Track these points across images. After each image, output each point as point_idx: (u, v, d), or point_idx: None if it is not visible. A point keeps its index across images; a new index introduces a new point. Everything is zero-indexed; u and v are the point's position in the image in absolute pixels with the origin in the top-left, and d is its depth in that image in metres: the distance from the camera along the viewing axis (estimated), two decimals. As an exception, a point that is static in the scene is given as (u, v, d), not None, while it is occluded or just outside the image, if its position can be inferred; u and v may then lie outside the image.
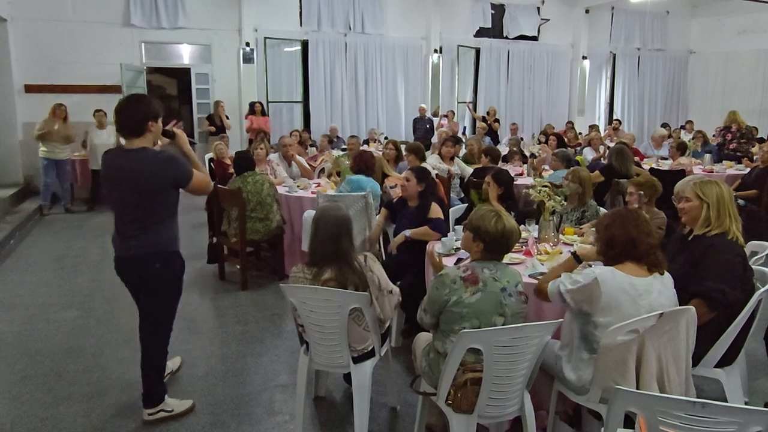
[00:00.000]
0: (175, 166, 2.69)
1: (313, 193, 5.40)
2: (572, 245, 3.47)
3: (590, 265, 2.64)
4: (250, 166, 5.09)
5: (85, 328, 4.26)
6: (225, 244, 5.21)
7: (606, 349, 2.21)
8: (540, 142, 10.12)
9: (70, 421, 3.02)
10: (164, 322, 2.98)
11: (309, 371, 2.85)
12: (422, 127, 11.21)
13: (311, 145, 8.83)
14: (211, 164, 7.71)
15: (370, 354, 2.75)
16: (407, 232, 3.75)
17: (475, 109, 12.27)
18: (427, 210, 3.84)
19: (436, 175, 5.48)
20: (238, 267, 5.26)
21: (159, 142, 3.05)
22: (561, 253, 3.29)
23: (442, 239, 3.45)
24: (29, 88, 9.06)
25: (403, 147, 6.24)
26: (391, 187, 4.85)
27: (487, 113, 11.56)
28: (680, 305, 2.32)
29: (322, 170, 7.23)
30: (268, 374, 3.54)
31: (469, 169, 6.50)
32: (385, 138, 10.16)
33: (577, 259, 2.68)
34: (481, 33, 12.20)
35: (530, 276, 2.84)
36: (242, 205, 4.87)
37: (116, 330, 4.20)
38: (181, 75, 18.37)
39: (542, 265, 3.04)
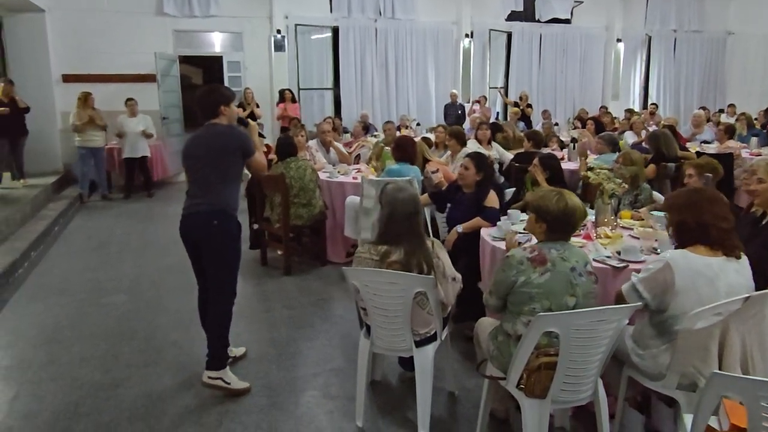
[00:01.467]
0: (244, 137, 3.09)
1: (354, 178, 5.37)
2: (632, 229, 3.38)
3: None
4: (293, 152, 5.08)
5: (135, 312, 4.31)
6: (267, 229, 5.22)
7: (686, 334, 2.14)
8: (575, 127, 9.94)
9: (131, 401, 3.06)
10: (226, 282, 3.11)
11: (369, 355, 2.82)
12: (454, 113, 11.07)
13: (344, 132, 8.79)
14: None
15: (433, 338, 2.71)
16: (459, 228, 3.68)
17: (506, 95, 12.08)
18: (483, 198, 3.77)
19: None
20: (280, 252, 5.28)
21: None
22: (621, 237, 3.20)
23: (499, 224, 3.39)
24: (66, 78, 9.18)
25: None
26: (433, 172, 4.78)
27: (520, 98, 11.38)
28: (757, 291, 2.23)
29: (358, 156, 7.20)
30: (321, 358, 3.53)
31: (509, 155, 6.40)
32: (417, 124, 10.08)
33: None
34: (512, 17, 11.97)
35: (595, 260, 2.77)
36: (285, 191, 4.86)
37: (166, 314, 4.25)
38: (207, 64, 18.60)
39: (605, 248, 2.96)
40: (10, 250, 5.44)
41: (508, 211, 3.66)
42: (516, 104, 11.14)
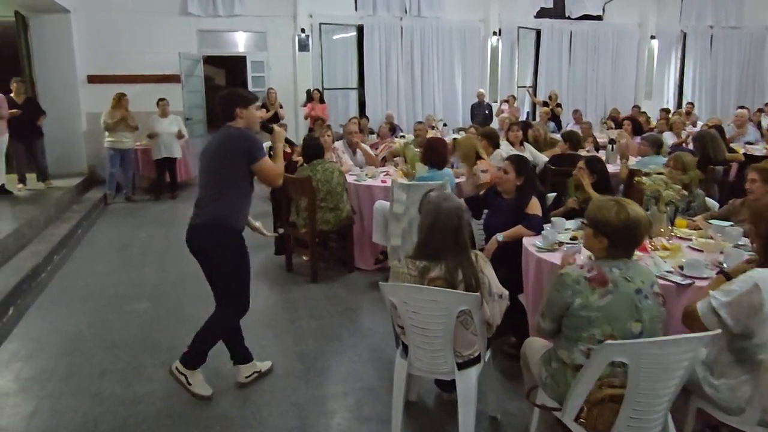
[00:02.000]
0: (250, 141, 2.85)
1: (383, 181, 5.16)
2: (689, 239, 3.10)
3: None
4: (320, 154, 4.89)
5: (157, 320, 4.17)
6: (293, 234, 5.04)
7: (773, 365, 1.88)
8: (609, 128, 9.59)
9: (152, 420, 2.90)
10: (232, 298, 3.02)
11: (406, 377, 2.60)
12: (480, 113, 10.80)
13: (370, 133, 8.59)
14: (270, 152, 7.59)
15: (476, 360, 2.49)
16: (499, 237, 3.42)
17: (534, 94, 11.75)
18: (524, 205, 3.51)
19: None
20: (306, 258, 5.10)
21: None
22: (680, 249, 2.93)
23: (543, 233, 3.14)
24: (92, 79, 9.15)
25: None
26: (482, 171, 4.54)
27: (549, 97, 11.06)
28: None
29: (384, 158, 6.99)
30: (351, 374, 3.33)
31: (542, 156, 6.13)
32: (444, 124, 9.83)
33: (726, 276, 2.29)
34: (542, 13, 11.64)
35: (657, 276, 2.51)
36: (312, 195, 4.68)
37: (188, 322, 4.06)
38: (230, 64, 18.59)
39: (665, 262, 2.70)
40: (33, 254, 5.36)
41: (552, 219, 3.41)
42: (545, 104, 10.82)
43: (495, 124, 10.16)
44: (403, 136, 8.47)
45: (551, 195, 4.21)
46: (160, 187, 8.59)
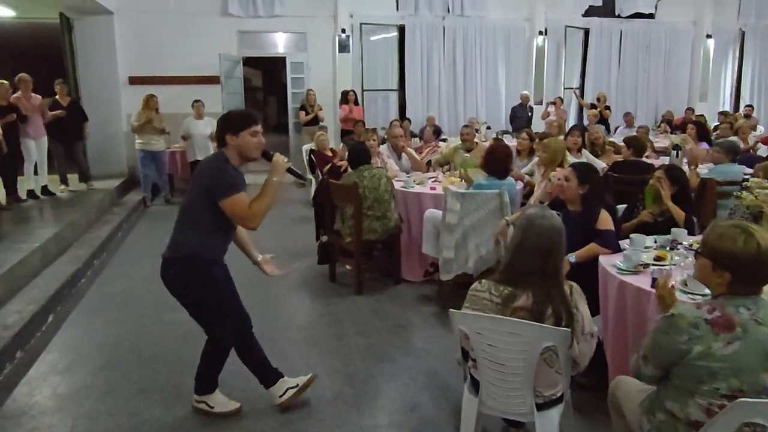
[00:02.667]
0: (216, 177, 2.58)
1: (432, 188, 4.87)
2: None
3: None
4: (366, 159, 4.64)
5: (198, 332, 3.90)
6: (337, 243, 4.80)
7: None
8: (664, 131, 9.10)
9: (194, 449, 2.68)
10: (213, 330, 2.86)
11: (476, 417, 2.31)
12: (523, 116, 10.40)
13: (413, 136, 8.31)
14: (312, 156, 7.39)
15: (558, 400, 2.18)
16: (572, 258, 3.07)
17: (582, 96, 11.28)
18: (593, 219, 3.16)
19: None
20: (349, 267, 4.86)
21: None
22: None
23: (625, 254, 2.80)
24: (133, 80, 9.14)
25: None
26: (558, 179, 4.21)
27: (597, 99, 10.57)
28: None
29: (429, 162, 6.71)
30: (406, 402, 3.05)
31: (601, 163, 5.74)
32: (488, 127, 9.48)
33: None
34: (590, 12, 11.16)
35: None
36: (358, 202, 4.43)
37: (230, 337, 3.88)
38: (268, 66, 18.58)
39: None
40: (73, 259, 5.27)
41: (632, 235, 3.06)
42: (593, 106, 10.35)
43: (537, 128, 9.78)
44: (445, 140, 8.17)
45: (621, 207, 3.84)
46: (196, 190, 8.47)
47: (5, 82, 6.43)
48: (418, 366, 3.44)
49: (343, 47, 9.87)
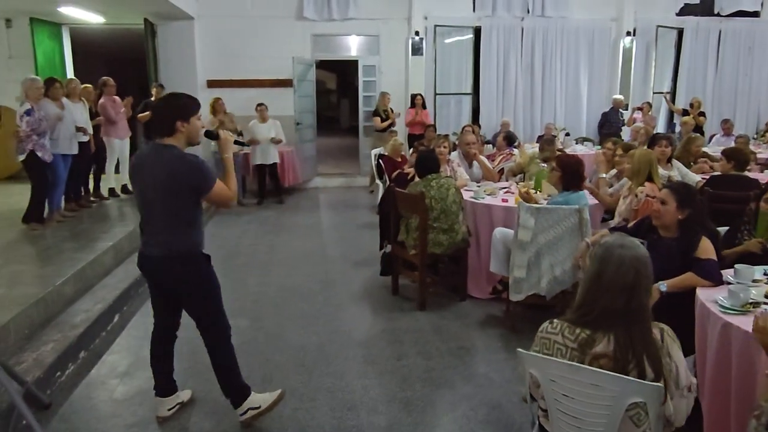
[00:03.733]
0: (201, 170, 2.58)
1: (504, 200, 4.56)
2: None
3: None
4: (435, 168, 4.40)
5: (254, 343, 3.89)
6: (400, 254, 4.59)
7: None
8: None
9: (239, 472, 2.55)
10: (213, 320, 2.82)
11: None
12: (616, 122, 9.74)
13: (485, 142, 7.96)
14: (380, 160, 7.23)
15: (646, 464, 1.85)
16: (663, 287, 2.70)
17: (673, 101, 10.45)
18: (693, 246, 2.76)
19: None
20: (413, 281, 4.63)
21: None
22: None
23: (731, 289, 2.39)
24: (210, 83, 9.37)
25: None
26: (648, 196, 3.81)
27: (690, 105, 9.74)
28: None
29: (501, 170, 6.36)
30: (466, 438, 2.80)
31: (694, 176, 5.20)
32: (567, 134, 8.95)
33: None
34: (685, 10, 10.33)
35: None
36: (424, 213, 4.19)
37: (284, 349, 3.77)
38: (342, 68, 18.70)
39: None
40: (143, 258, 5.36)
41: (737, 266, 2.64)
42: (685, 112, 9.54)
43: (625, 135, 9.13)
44: (517, 146, 7.76)
45: (722, 229, 3.37)
46: (263, 192, 8.56)
47: (90, 86, 6.73)
48: (480, 396, 3.16)
49: (416, 50, 9.66)
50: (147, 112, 7.33)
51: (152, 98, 7.59)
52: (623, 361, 1.71)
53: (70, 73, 9.20)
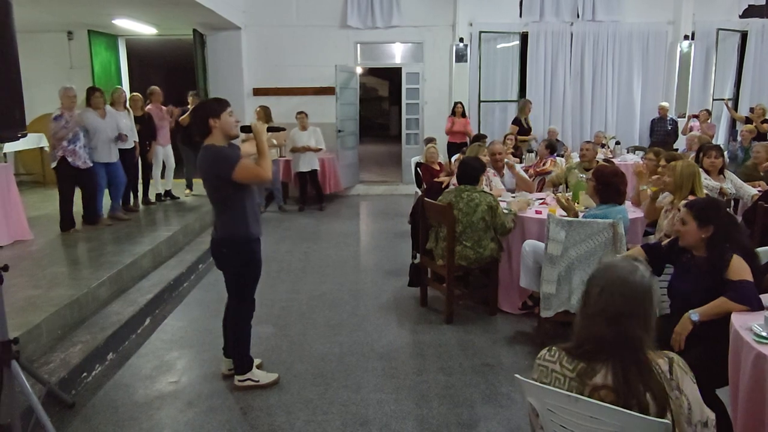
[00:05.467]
0: (216, 162, 2.94)
1: (537, 212, 4.38)
2: None
3: None
4: (473, 178, 4.23)
5: (277, 350, 3.88)
6: (429, 266, 4.49)
7: None
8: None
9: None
10: (242, 300, 3.30)
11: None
12: (661, 130, 9.32)
13: (529, 151, 7.74)
14: (418, 168, 7.15)
15: (657, 507, 1.68)
16: (694, 316, 2.47)
17: (735, 108, 9.85)
18: (722, 265, 2.52)
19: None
20: (443, 293, 4.51)
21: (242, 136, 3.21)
22: None
23: (767, 316, 2.17)
24: (256, 92, 9.58)
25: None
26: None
27: (751, 110, 9.14)
28: None
29: (542, 180, 6.16)
30: (478, 463, 2.67)
31: (750, 189, 4.86)
32: (617, 143, 8.58)
33: None
34: (750, 12, 9.74)
35: None
36: (452, 224, 4.08)
37: (305, 359, 3.74)
38: (393, 76, 18.75)
39: None
40: (179, 263, 5.50)
41: (775, 289, 2.40)
42: (747, 120, 8.96)
43: (681, 144, 8.68)
44: (561, 155, 7.50)
45: (764, 249, 3.08)
46: (304, 199, 8.64)
47: (137, 94, 6.99)
48: (499, 417, 3.02)
49: (461, 57, 9.54)
50: (184, 117, 7.56)
51: (188, 106, 7.79)
52: (625, 394, 1.57)
53: (125, 83, 9.63)
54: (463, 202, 4.10)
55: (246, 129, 3.11)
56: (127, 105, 6.62)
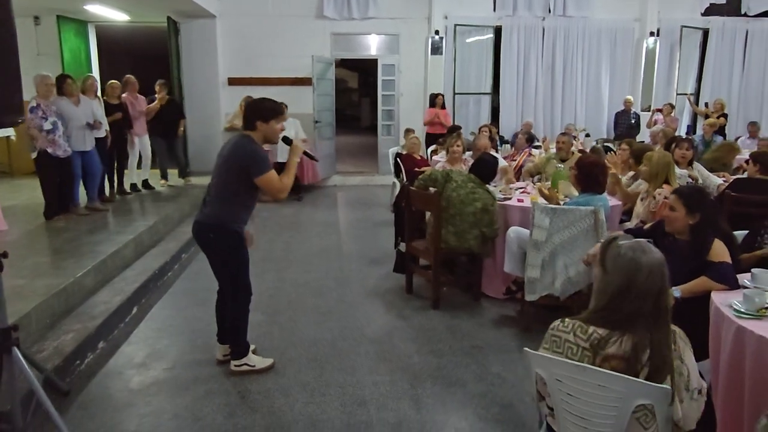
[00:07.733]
0: (252, 156, 3.02)
1: (519, 201, 4.54)
2: None
3: None
4: (488, 177, 4.35)
5: (268, 336, 3.93)
6: (415, 253, 4.60)
7: None
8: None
9: (249, 464, 2.59)
10: (236, 286, 3.30)
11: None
12: (625, 123, 9.65)
13: (504, 142, 7.92)
14: (397, 159, 7.24)
15: (653, 467, 1.83)
16: (676, 292, 2.66)
17: (696, 103, 10.28)
18: (705, 249, 2.72)
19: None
20: (428, 280, 4.64)
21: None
22: None
23: (746, 293, 2.35)
24: (231, 81, 9.49)
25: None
26: (666, 198, 3.77)
27: (705, 105, 9.58)
28: None
29: (519, 170, 6.34)
30: (475, 437, 2.80)
31: (716, 179, 5.13)
32: (587, 135, 8.86)
33: None
34: (711, 10, 10.16)
35: None
36: (438, 212, 4.19)
37: (298, 344, 3.81)
38: (364, 67, 18.74)
39: None
40: (162, 252, 5.47)
41: (754, 271, 2.59)
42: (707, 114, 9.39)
43: (644, 137, 9.02)
44: (538, 147, 7.71)
45: (739, 233, 3.31)
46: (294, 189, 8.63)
47: (116, 82, 6.85)
48: (492, 394, 3.16)
49: (436, 49, 9.66)
50: (152, 105, 7.40)
51: (156, 95, 7.61)
52: (636, 362, 1.70)
53: (95, 70, 9.39)
54: (464, 190, 4.17)
55: (287, 141, 3.34)
56: (98, 93, 6.48)
